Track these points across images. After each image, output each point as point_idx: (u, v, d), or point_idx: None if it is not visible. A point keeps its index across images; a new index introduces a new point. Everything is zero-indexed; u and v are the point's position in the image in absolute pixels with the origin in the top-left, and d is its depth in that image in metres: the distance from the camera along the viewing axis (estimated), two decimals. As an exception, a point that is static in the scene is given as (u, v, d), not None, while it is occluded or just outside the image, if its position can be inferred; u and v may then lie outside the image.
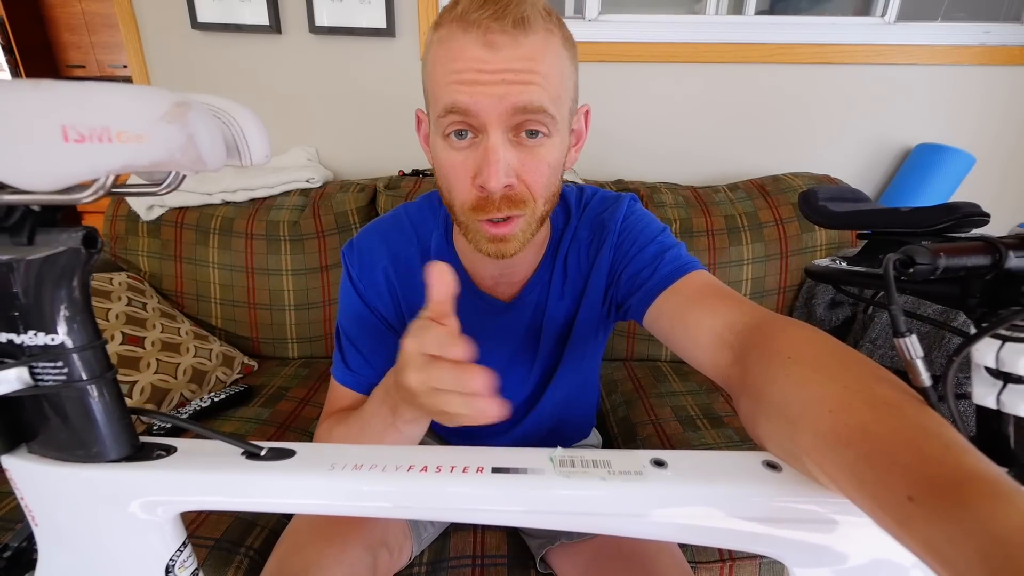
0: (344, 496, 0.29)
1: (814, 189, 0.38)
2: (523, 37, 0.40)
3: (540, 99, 0.41)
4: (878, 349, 1.05)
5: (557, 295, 0.60)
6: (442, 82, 0.42)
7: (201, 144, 0.18)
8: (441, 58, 0.42)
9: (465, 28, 0.40)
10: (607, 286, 0.58)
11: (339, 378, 0.59)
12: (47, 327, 0.24)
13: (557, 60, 0.43)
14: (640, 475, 0.28)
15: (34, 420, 0.28)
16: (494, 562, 0.68)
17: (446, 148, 0.45)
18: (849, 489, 0.23)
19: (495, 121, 0.42)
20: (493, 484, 0.28)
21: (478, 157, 0.43)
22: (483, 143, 0.43)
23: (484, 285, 0.60)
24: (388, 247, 0.59)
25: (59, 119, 0.18)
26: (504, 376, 0.65)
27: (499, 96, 0.40)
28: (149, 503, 0.30)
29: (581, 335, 0.62)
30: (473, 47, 0.40)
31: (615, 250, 0.57)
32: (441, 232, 0.59)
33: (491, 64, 0.40)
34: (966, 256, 0.26)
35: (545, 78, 0.41)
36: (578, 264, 0.59)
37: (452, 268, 0.35)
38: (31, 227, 0.22)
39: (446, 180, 0.47)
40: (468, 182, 0.45)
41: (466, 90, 0.41)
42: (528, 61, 0.40)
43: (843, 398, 0.26)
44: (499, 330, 0.61)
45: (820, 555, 0.28)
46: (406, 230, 0.60)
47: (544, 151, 0.44)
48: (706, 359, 0.41)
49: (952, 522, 0.18)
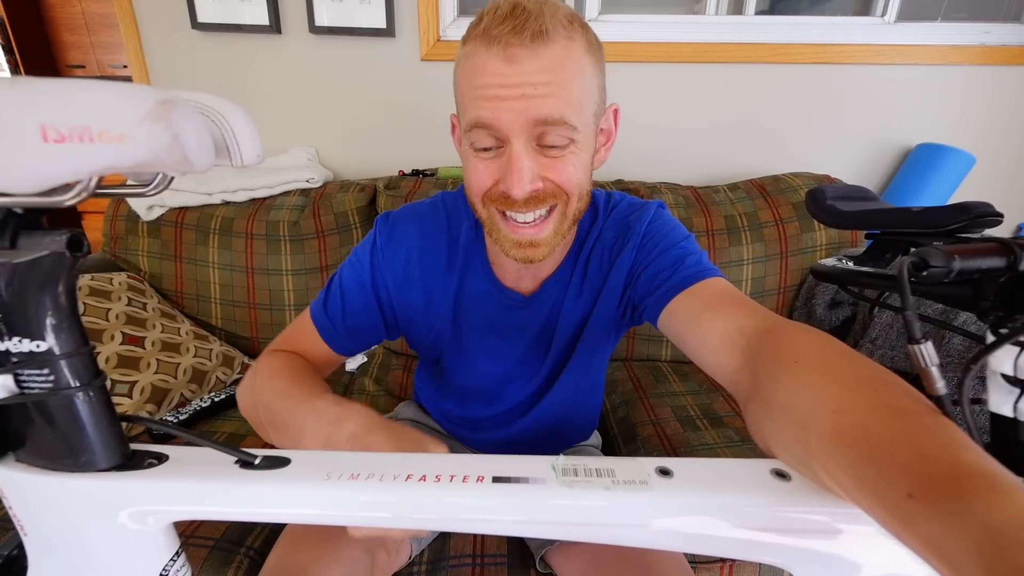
0: (340, 506, 0.28)
1: (822, 188, 0.37)
2: (543, 48, 0.41)
3: (559, 111, 0.43)
4: (878, 349, 1.04)
5: (575, 293, 0.61)
6: (467, 97, 0.45)
7: (187, 144, 0.18)
8: (467, 74, 0.45)
9: (488, 44, 0.42)
10: (625, 286, 0.59)
11: (314, 313, 0.60)
12: (32, 333, 0.24)
13: (578, 66, 0.44)
14: (645, 485, 0.27)
15: (21, 428, 0.27)
16: (494, 561, 0.68)
17: (473, 154, 0.47)
18: (852, 489, 0.23)
19: (517, 132, 0.43)
20: (494, 494, 0.27)
21: (503, 164, 0.46)
22: (507, 152, 0.45)
23: (507, 280, 0.61)
24: (420, 230, 0.61)
25: (37, 118, 0.17)
26: (516, 371, 0.66)
27: (520, 110, 0.42)
28: (139, 513, 0.29)
29: (593, 335, 0.62)
30: (495, 62, 0.42)
31: (637, 251, 0.57)
32: (472, 223, 0.60)
33: (511, 78, 0.42)
34: (980, 258, 0.25)
35: (564, 88, 0.43)
36: (599, 264, 0.60)
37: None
38: (13, 230, 0.21)
39: (469, 181, 0.49)
40: (491, 183, 0.47)
41: (489, 106, 0.43)
42: (547, 73, 0.42)
43: (847, 399, 0.26)
44: (516, 325, 0.62)
45: (829, 566, 0.27)
46: (440, 218, 0.61)
47: (568, 159, 0.46)
48: (716, 362, 0.41)
49: (950, 517, 0.18)
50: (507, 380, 0.66)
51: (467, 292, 0.61)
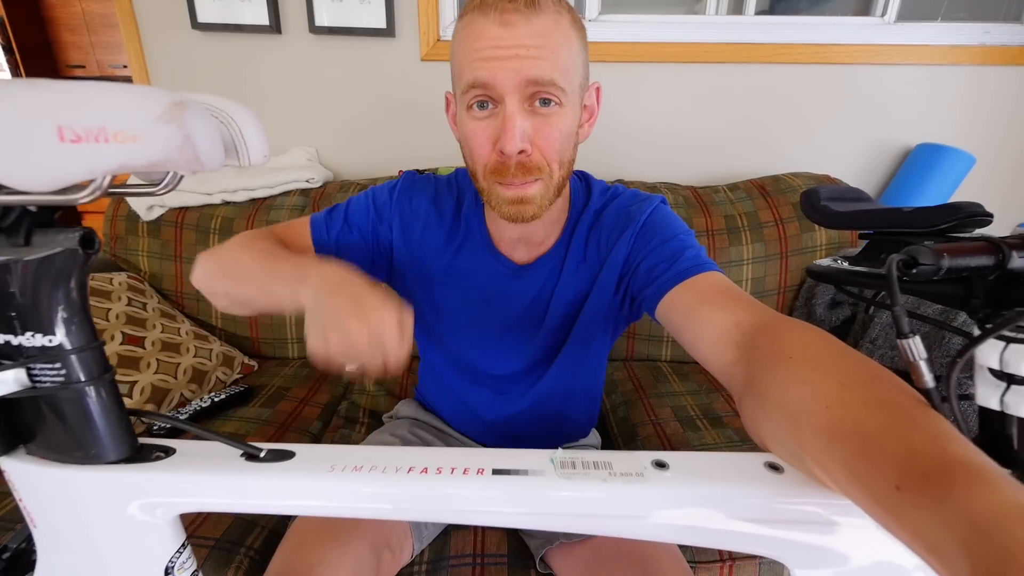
0: (343, 498, 0.29)
1: (816, 189, 0.38)
2: (534, 16, 0.46)
3: (550, 72, 0.47)
4: (878, 349, 1.05)
5: (571, 271, 0.62)
6: (465, 60, 0.48)
7: (198, 144, 0.18)
8: (464, 40, 0.48)
9: (484, 12, 0.46)
10: (622, 275, 0.60)
11: (314, 222, 0.63)
12: (45, 328, 0.24)
13: (565, 38, 0.48)
14: (642, 477, 0.27)
15: (32, 422, 0.28)
16: (494, 561, 0.68)
17: (470, 119, 0.51)
18: (844, 482, 0.24)
19: (511, 91, 0.47)
20: (494, 486, 0.28)
21: (497, 125, 0.49)
22: (501, 112, 0.48)
23: (503, 248, 0.64)
24: (435, 192, 0.66)
25: (55, 119, 0.17)
26: (507, 340, 0.67)
27: (514, 69, 0.46)
28: (148, 504, 0.29)
29: (589, 320, 0.63)
30: (491, 27, 0.46)
31: (636, 239, 0.59)
32: (473, 195, 0.65)
33: (506, 40, 0.46)
34: (969, 256, 0.26)
35: (554, 53, 0.47)
36: (598, 248, 0.62)
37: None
38: (28, 228, 0.22)
39: (469, 147, 0.52)
40: (488, 147, 0.50)
41: (486, 66, 0.46)
42: (539, 38, 0.46)
43: (840, 395, 0.26)
44: (509, 293, 0.64)
45: (822, 557, 0.28)
46: (452, 188, 0.67)
47: (556, 119, 0.49)
48: (712, 355, 0.41)
49: (936, 508, 0.19)
50: (499, 351, 0.68)
51: (464, 255, 0.64)
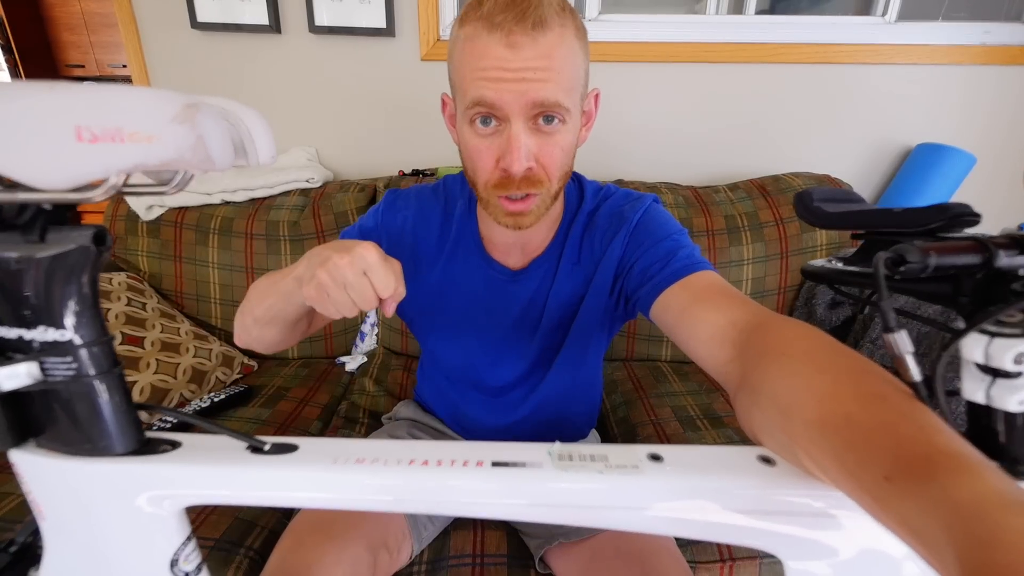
0: (346, 489, 0.29)
1: (809, 190, 0.38)
2: (541, 36, 0.45)
3: (555, 94, 0.47)
4: (878, 349, 1.05)
5: (566, 273, 0.63)
6: (469, 77, 0.48)
7: (210, 144, 0.19)
8: (468, 54, 0.48)
9: (490, 29, 0.45)
10: (616, 275, 0.60)
11: None
12: (57, 323, 0.25)
13: (570, 53, 0.48)
14: (636, 469, 0.28)
15: (42, 415, 0.29)
16: (494, 561, 0.69)
17: (473, 134, 0.51)
18: (834, 474, 0.24)
19: (517, 112, 0.47)
20: (493, 478, 0.28)
21: (502, 143, 0.49)
22: (506, 131, 0.49)
23: (496, 254, 0.64)
24: (419, 202, 0.67)
25: (74, 120, 0.18)
26: (503, 347, 0.67)
27: (520, 92, 0.46)
28: (156, 496, 0.30)
29: (586, 322, 0.63)
30: (497, 47, 0.45)
31: (629, 239, 0.59)
32: (465, 202, 0.65)
33: (513, 63, 0.45)
34: (956, 255, 0.27)
35: (559, 73, 0.47)
36: (592, 249, 0.62)
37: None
38: (43, 225, 0.22)
39: (471, 161, 0.52)
40: (492, 164, 0.51)
41: (492, 86, 0.46)
42: (545, 59, 0.46)
43: (831, 388, 0.27)
44: (503, 299, 0.64)
45: (814, 548, 0.28)
46: (439, 195, 0.67)
47: (559, 136, 0.50)
48: (707, 353, 0.42)
49: (921, 496, 0.19)
50: (496, 358, 0.68)
51: (456, 264, 0.64)
